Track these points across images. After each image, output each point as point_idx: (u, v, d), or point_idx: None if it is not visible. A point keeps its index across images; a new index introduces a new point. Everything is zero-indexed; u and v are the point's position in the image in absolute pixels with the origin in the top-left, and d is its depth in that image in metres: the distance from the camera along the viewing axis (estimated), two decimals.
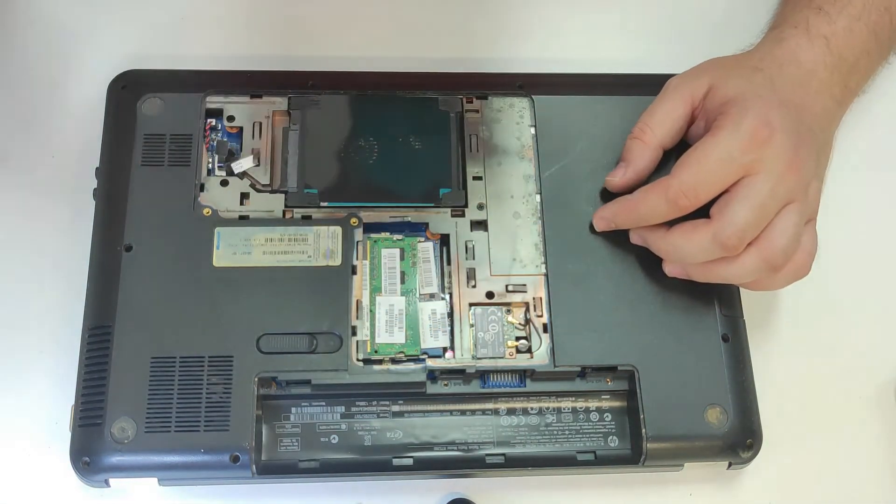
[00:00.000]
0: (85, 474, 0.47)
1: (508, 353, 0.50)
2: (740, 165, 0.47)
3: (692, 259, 0.49)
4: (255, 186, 0.53)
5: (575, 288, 0.51)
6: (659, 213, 0.49)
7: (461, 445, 0.49)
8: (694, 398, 0.49)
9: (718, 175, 0.47)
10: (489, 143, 0.55)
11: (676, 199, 0.47)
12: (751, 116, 0.47)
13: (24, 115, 0.58)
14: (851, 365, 0.55)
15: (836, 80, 0.52)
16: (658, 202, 0.48)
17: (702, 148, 0.47)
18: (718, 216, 0.47)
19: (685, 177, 0.47)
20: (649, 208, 0.49)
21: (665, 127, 0.51)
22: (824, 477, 0.52)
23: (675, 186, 0.47)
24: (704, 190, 0.47)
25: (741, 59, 0.52)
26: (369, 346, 0.50)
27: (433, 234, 0.53)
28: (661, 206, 0.48)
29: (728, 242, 0.47)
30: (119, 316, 0.49)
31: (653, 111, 0.51)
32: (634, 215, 0.50)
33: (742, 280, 0.50)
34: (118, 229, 0.51)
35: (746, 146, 0.47)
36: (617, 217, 0.51)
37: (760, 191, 0.47)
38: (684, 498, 0.51)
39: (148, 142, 0.53)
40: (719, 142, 0.47)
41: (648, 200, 0.49)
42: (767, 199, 0.47)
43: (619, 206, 0.51)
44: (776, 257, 0.47)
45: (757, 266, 0.48)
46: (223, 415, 0.47)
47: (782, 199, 0.47)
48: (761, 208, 0.47)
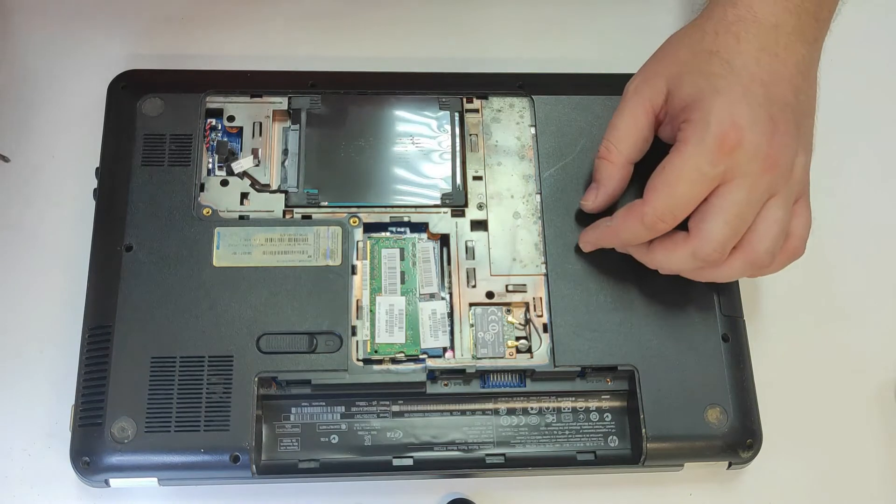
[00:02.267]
0: (85, 474, 0.47)
1: (508, 353, 0.50)
2: (712, 178, 0.45)
3: (678, 271, 0.49)
4: (255, 186, 0.53)
5: (575, 288, 0.51)
6: (640, 237, 0.48)
7: (461, 445, 0.49)
8: (694, 398, 0.49)
9: (691, 194, 0.45)
10: (489, 143, 0.55)
11: (654, 224, 0.46)
12: (714, 122, 0.45)
13: (24, 115, 0.57)
14: (851, 365, 0.55)
15: (805, 22, 0.47)
16: (636, 228, 0.47)
17: (670, 168, 0.46)
18: (696, 232, 0.46)
19: (658, 203, 0.46)
20: (629, 234, 0.48)
21: (629, 142, 0.50)
22: (824, 477, 0.52)
23: (650, 213, 0.46)
24: (680, 211, 0.46)
25: (695, 40, 0.48)
26: (369, 346, 0.50)
27: (433, 234, 0.53)
28: (640, 232, 0.47)
29: (709, 258, 0.46)
30: (119, 316, 0.49)
31: (615, 126, 0.50)
32: (616, 240, 0.49)
33: (730, 279, 0.49)
34: (118, 229, 0.51)
35: (715, 158, 0.44)
36: (601, 241, 0.50)
37: (736, 200, 0.45)
38: (684, 498, 0.51)
39: (148, 142, 0.53)
40: (686, 159, 0.45)
41: (627, 227, 0.48)
42: (744, 207, 0.45)
43: (601, 232, 0.50)
44: (761, 259, 0.46)
45: (743, 268, 0.47)
46: (223, 415, 0.47)
47: (761, 199, 0.46)
48: (738, 218, 0.45)
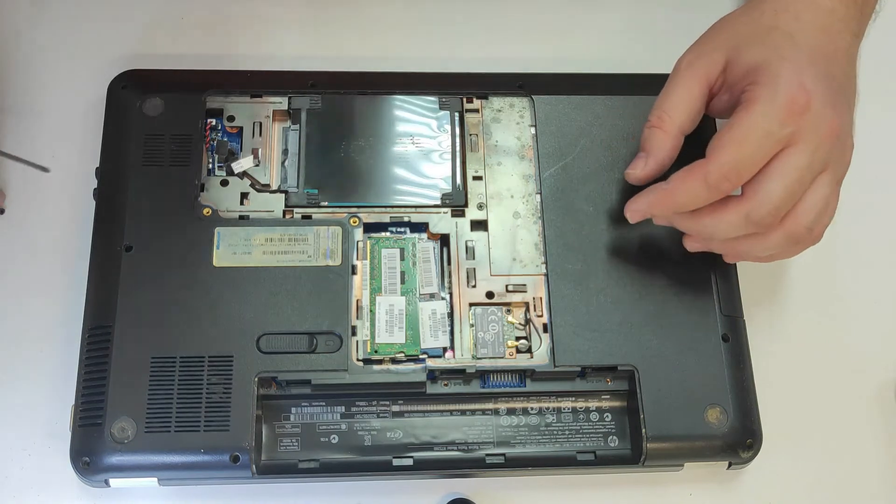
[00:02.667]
0: (85, 474, 0.47)
1: (508, 353, 0.50)
2: (780, 139, 0.45)
3: (720, 237, 0.48)
4: (255, 186, 0.53)
5: (575, 288, 0.51)
6: (699, 200, 0.46)
7: (461, 445, 0.49)
8: (694, 398, 0.49)
9: (759, 153, 0.45)
10: (489, 143, 0.55)
11: (718, 183, 0.45)
12: (784, 84, 0.45)
13: (25, 116, 0.57)
14: (851, 365, 0.55)
15: (853, 13, 0.49)
16: (697, 189, 0.46)
17: (738, 126, 0.45)
18: (752, 194, 0.45)
19: (725, 159, 0.45)
20: (688, 196, 0.46)
21: (682, 111, 0.49)
22: (824, 477, 0.52)
23: (715, 171, 0.45)
24: (746, 170, 0.45)
25: (753, 18, 0.49)
26: (369, 346, 0.50)
27: (433, 234, 0.53)
28: (701, 193, 0.46)
29: (763, 222, 0.45)
30: (119, 316, 0.49)
31: (667, 95, 0.49)
32: (671, 204, 0.48)
33: (764, 255, 0.48)
34: (118, 229, 0.51)
35: (784, 118, 0.44)
36: (652, 208, 0.49)
37: (798, 164, 0.45)
38: (684, 498, 0.51)
39: (148, 142, 0.53)
40: (755, 117, 0.45)
41: (686, 188, 0.46)
42: (805, 171, 0.45)
43: (653, 197, 0.48)
44: (801, 234, 0.46)
45: (782, 242, 0.47)
46: (223, 415, 0.47)
47: (818, 168, 0.46)
48: (798, 183, 0.45)
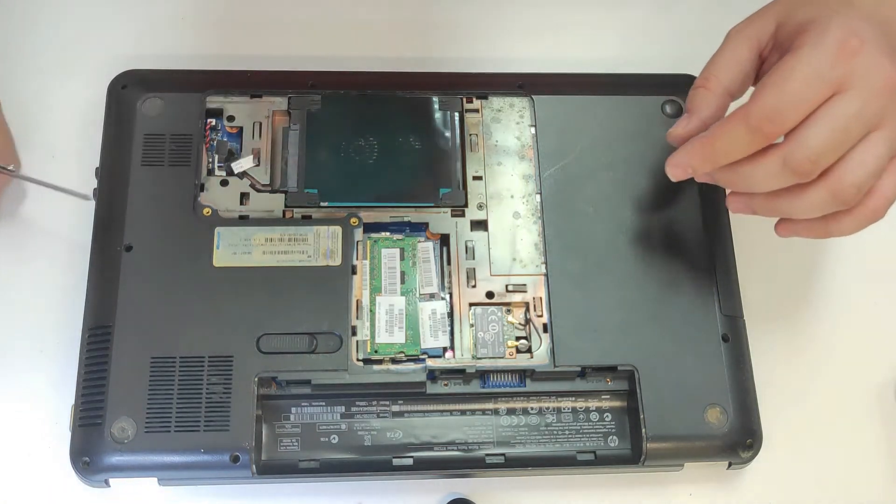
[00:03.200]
0: (85, 474, 0.47)
1: (508, 353, 0.50)
2: (829, 82, 0.42)
3: (758, 187, 0.45)
4: (255, 186, 0.53)
5: (575, 288, 0.51)
6: (741, 146, 0.44)
7: (461, 445, 0.49)
8: (694, 398, 0.49)
9: (805, 94, 0.42)
10: (489, 143, 0.55)
11: (760, 125, 0.42)
12: (835, 28, 0.43)
13: (24, 116, 0.57)
14: (851, 365, 0.55)
15: None
16: (738, 133, 0.43)
17: (784, 66, 0.43)
18: (793, 136, 0.43)
19: (768, 100, 0.42)
20: (729, 141, 0.44)
21: (730, 72, 0.47)
22: (824, 477, 0.52)
23: (756, 112, 0.42)
24: (790, 113, 0.42)
25: None
26: (369, 346, 0.50)
27: (433, 234, 0.53)
28: (742, 137, 0.43)
29: (799, 168, 0.42)
30: (119, 316, 0.49)
31: (715, 59, 0.48)
32: (712, 153, 0.45)
33: (807, 215, 0.46)
34: (118, 229, 0.51)
35: (835, 59, 0.42)
36: (692, 159, 0.46)
37: (846, 110, 0.42)
38: (684, 498, 0.51)
39: (148, 142, 0.53)
40: (803, 57, 0.42)
41: (727, 133, 0.44)
42: (853, 120, 0.42)
43: (693, 147, 0.46)
44: (846, 193, 0.43)
45: (823, 201, 0.44)
46: (223, 415, 0.47)
47: (869, 122, 0.43)
48: (844, 131, 0.42)
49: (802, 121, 0.42)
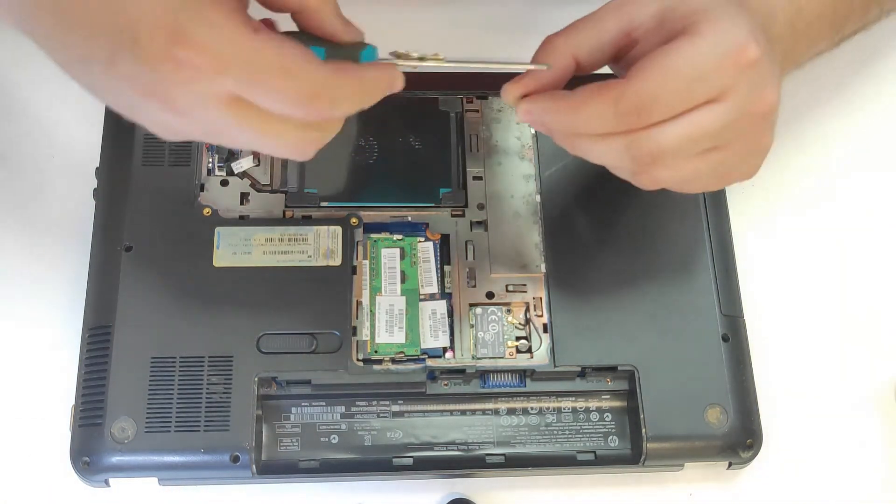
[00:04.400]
0: (85, 474, 0.47)
1: (508, 353, 0.50)
2: (710, 87, 0.39)
3: (590, 157, 0.43)
4: (255, 186, 0.53)
5: (575, 288, 0.51)
6: (601, 124, 0.40)
7: (461, 445, 0.49)
8: (694, 398, 0.49)
9: (682, 95, 0.39)
10: (489, 143, 0.55)
11: (628, 113, 0.39)
12: (739, 28, 0.39)
13: (24, 115, 0.57)
14: (851, 365, 0.55)
15: (788, 35, 0.45)
16: (604, 113, 0.40)
17: (673, 52, 0.39)
18: (647, 128, 0.40)
19: (644, 87, 0.39)
20: (590, 117, 0.40)
21: (585, 37, 0.43)
22: (824, 477, 0.52)
23: (629, 97, 0.39)
24: (662, 110, 0.39)
25: None
26: (369, 346, 0.50)
27: (433, 234, 0.53)
28: (607, 118, 0.40)
29: (639, 159, 0.40)
30: (119, 316, 0.49)
31: (578, 21, 0.43)
32: (571, 122, 0.41)
33: (600, 160, 0.43)
34: (118, 229, 0.51)
35: (727, 64, 0.39)
36: (546, 116, 0.42)
37: (711, 124, 0.39)
38: (684, 498, 0.51)
39: (148, 142, 0.53)
40: (695, 51, 0.39)
41: (591, 107, 0.40)
42: (710, 135, 0.40)
43: (552, 104, 0.42)
44: (643, 157, 0.40)
45: (621, 156, 0.41)
46: (223, 415, 0.47)
47: (724, 140, 0.40)
48: (695, 142, 0.40)
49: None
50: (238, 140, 0.38)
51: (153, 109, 0.36)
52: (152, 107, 0.36)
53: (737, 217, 0.54)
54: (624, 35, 0.43)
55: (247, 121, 0.36)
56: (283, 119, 0.37)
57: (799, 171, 0.59)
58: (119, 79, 0.35)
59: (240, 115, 0.36)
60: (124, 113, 0.38)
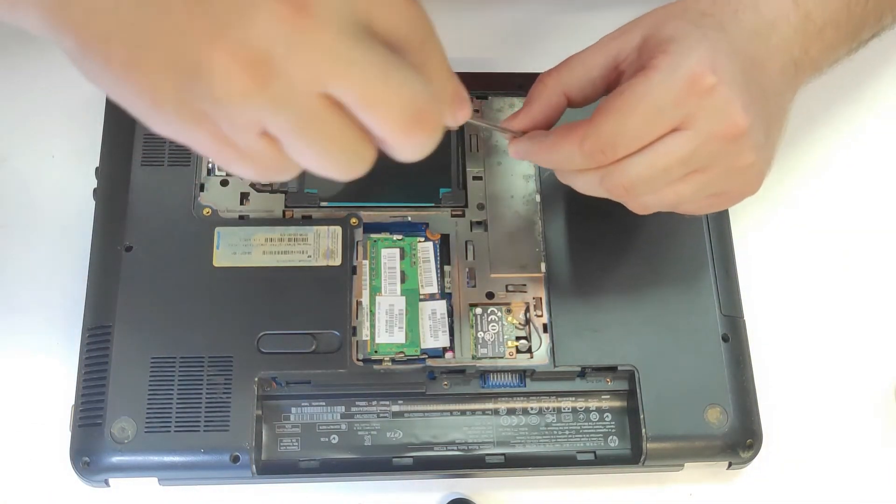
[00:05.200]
0: (85, 474, 0.47)
1: (508, 353, 0.50)
2: (671, 119, 0.40)
3: (575, 187, 0.45)
4: (255, 186, 0.53)
5: (575, 288, 0.51)
6: (574, 163, 0.43)
7: (461, 445, 0.49)
8: (694, 398, 0.49)
9: (642, 130, 0.41)
10: (489, 143, 0.55)
11: (592, 153, 0.41)
12: (693, 58, 0.40)
13: (24, 115, 0.57)
14: (851, 365, 0.55)
15: (798, 41, 0.45)
16: (572, 153, 0.42)
17: (628, 93, 0.41)
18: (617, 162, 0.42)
19: (604, 128, 0.41)
20: (563, 156, 0.43)
21: (574, 74, 0.45)
22: (824, 477, 0.52)
23: (591, 138, 0.41)
24: (624, 145, 0.41)
25: (688, 3, 0.45)
26: (369, 346, 0.50)
27: (433, 234, 0.53)
28: (575, 156, 0.42)
29: (614, 191, 0.43)
30: (119, 316, 0.49)
31: (569, 58, 0.46)
32: (548, 160, 0.44)
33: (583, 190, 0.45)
34: (118, 229, 0.51)
35: (682, 95, 0.40)
36: (530, 154, 0.45)
37: (677, 152, 0.41)
38: (684, 498, 0.51)
39: (148, 142, 0.53)
40: (650, 88, 0.40)
41: (563, 149, 0.43)
42: (678, 163, 0.41)
43: (534, 146, 0.45)
44: (617, 190, 0.43)
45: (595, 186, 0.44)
46: (223, 415, 0.47)
47: (696, 166, 0.42)
48: (665, 171, 0.41)
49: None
50: (301, 149, 0.34)
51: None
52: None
53: (737, 217, 0.54)
54: (612, 69, 0.45)
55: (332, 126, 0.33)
56: (362, 137, 0.34)
57: (799, 171, 0.59)
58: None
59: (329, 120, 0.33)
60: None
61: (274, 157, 0.34)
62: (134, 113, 0.34)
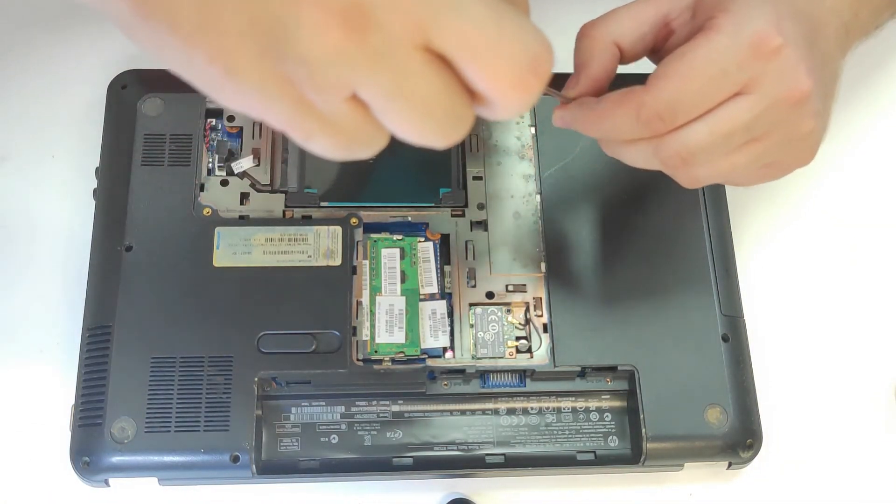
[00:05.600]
0: (85, 474, 0.47)
1: (508, 353, 0.50)
2: (734, 83, 0.38)
3: (623, 159, 0.43)
4: (255, 186, 0.53)
5: (575, 288, 0.51)
6: (626, 132, 0.40)
7: (461, 445, 0.49)
8: (694, 398, 0.49)
9: (705, 95, 0.38)
10: (489, 143, 0.55)
11: (650, 120, 0.39)
12: (758, 19, 0.38)
13: (24, 115, 0.58)
14: (851, 365, 0.55)
15: (849, 4, 0.43)
16: (627, 121, 0.39)
17: (690, 54, 0.38)
18: (675, 133, 0.39)
19: (664, 93, 0.38)
20: (616, 125, 0.40)
21: (623, 24, 0.42)
22: (824, 477, 0.52)
23: (649, 104, 0.38)
24: (684, 112, 0.38)
25: None
26: (369, 346, 0.50)
27: (433, 234, 0.53)
28: (630, 125, 0.39)
29: (668, 161, 0.40)
30: (119, 316, 0.49)
31: (614, 10, 0.43)
32: (598, 129, 0.41)
33: (631, 161, 0.42)
34: (118, 229, 0.51)
35: (747, 57, 0.38)
36: (577, 123, 0.42)
37: (739, 118, 0.39)
38: (684, 498, 0.51)
39: (148, 142, 0.53)
40: (713, 49, 0.38)
41: (616, 117, 0.40)
42: (741, 130, 0.39)
43: (582, 113, 0.42)
44: (672, 159, 0.40)
45: (649, 157, 0.41)
46: (223, 415, 0.47)
47: (756, 133, 0.39)
48: (726, 138, 0.39)
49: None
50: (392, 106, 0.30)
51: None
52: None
53: (737, 217, 0.54)
54: (662, 25, 0.42)
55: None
56: (464, 96, 0.30)
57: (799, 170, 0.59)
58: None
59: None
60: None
61: (363, 125, 0.30)
62: (200, 84, 0.30)
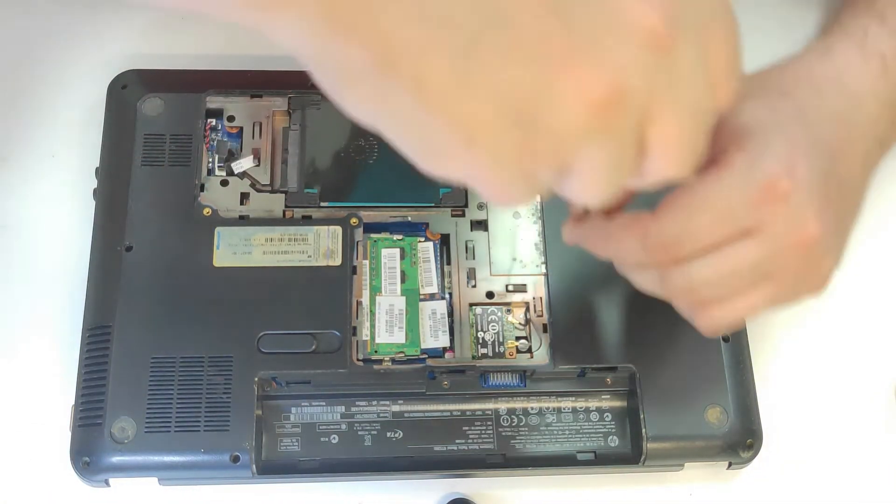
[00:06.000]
0: (85, 474, 0.47)
1: (508, 353, 0.50)
2: (741, 226, 0.37)
3: (632, 280, 0.43)
4: (255, 186, 0.53)
5: (575, 288, 0.51)
6: (633, 257, 0.40)
7: (461, 445, 0.49)
8: (694, 398, 0.49)
9: (710, 232, 0.37)
10: None
11: (655, 251, 0.38)
12: (770, 159, 0.37)
13: (24, 115, 0.57)
14: (851, 365, 0.55)
15: (886, 117, 0.42)
16: (633, 247, 0.39)
17: (700, 190, 0.37)
18: (680, 262, 0.39)
19: (670, 226, 0.38)
20: (622, 248, 0.40)
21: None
22: (824, 477, 0.52)
23: (655, 236, 0.38)
24: (689, 248, 0.38)
25: (768, 76, 0.41)
26: (369, 346, 0.50)
27: (433, 234, 0.53)
28: (636, 251, 0.39)
29: (674, 294, 0.40)
30: (119, 316, 0.49)
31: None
32: (604, 250, 0.42)
33: (643, 287, 0.43)
34: (118, 229, 0.51)
35: (756, 200, 0.37)
36: (585, 241, 0.43)
37: (745, 258, 0.38)
38: (684, 498, 0.51)
39: (148, 142, 0.53)
40: (722, 189, 0.37)
41: (623, 240, 0.40)
42: (747, 271, 0.38)
43: (591, 233, 0.42)
44: (679, 295, 0.40)
45: (656, 286, 0.41)
46: (223, 415, 0.47)
47: (764, 274, 0.39)
48: (732, 277, 0.38)
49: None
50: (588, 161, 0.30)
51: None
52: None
53: None
54: None
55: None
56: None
57: None
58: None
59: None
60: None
61: (547, 187, 0.31)
62: (408, 142, 0.29)
